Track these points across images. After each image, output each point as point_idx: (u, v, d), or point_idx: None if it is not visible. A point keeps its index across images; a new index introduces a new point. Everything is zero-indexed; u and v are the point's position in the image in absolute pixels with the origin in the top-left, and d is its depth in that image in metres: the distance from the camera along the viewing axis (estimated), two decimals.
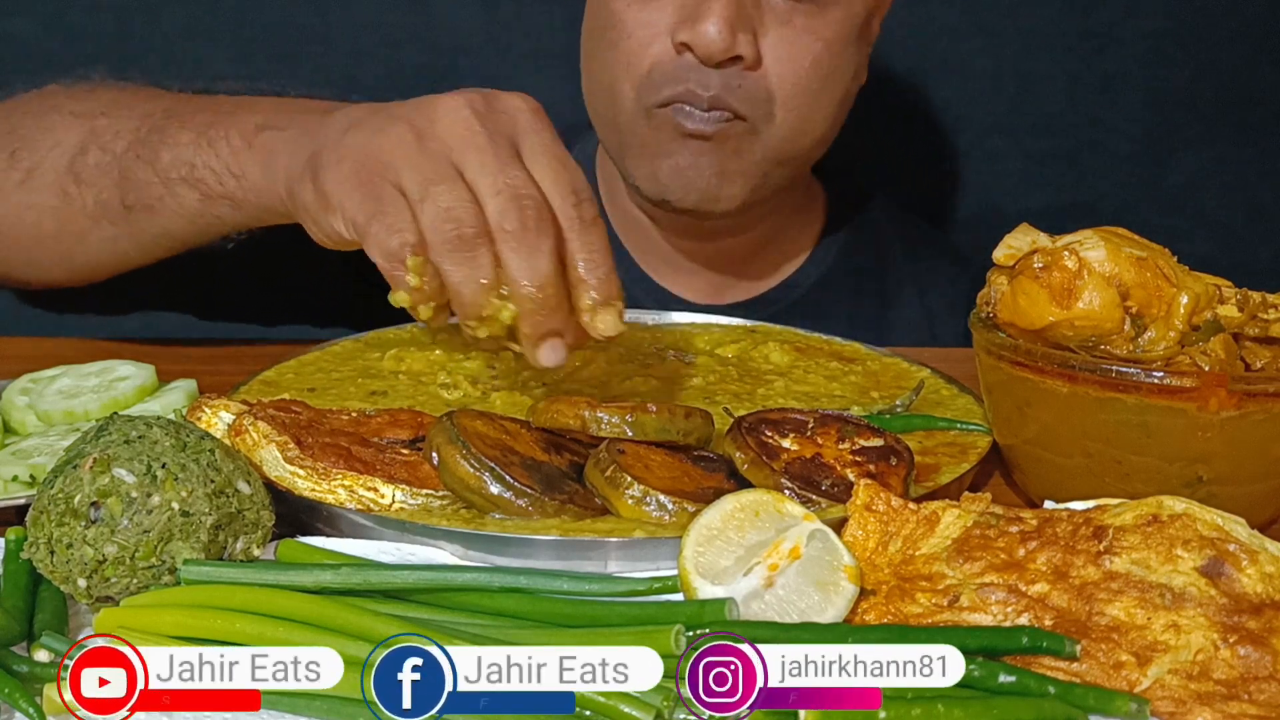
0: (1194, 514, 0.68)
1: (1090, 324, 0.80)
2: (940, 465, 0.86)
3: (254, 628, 0.62)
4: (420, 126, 0.80)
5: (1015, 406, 0.85)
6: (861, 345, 1.15)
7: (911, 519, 0.72)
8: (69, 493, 0.66)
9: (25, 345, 1.15)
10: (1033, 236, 0.84)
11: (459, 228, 0.76)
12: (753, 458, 0.79)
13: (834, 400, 0.99)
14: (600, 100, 1.23)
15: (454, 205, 0.76)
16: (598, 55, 1.21)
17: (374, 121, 0.83)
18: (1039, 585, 0.66)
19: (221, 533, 0.68)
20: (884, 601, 0.67)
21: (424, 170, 0.78)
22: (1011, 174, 1.78)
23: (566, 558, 0.72)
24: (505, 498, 0.75)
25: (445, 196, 0.77)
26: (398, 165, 0.79)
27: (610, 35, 1.17)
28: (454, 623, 0.64)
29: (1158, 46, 1.75)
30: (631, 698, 0.57)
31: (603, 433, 0.80)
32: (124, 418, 0.71)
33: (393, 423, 0.85)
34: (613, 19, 1.17)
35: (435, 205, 0.77)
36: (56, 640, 0.62)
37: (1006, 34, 1.73)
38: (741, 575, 0.65)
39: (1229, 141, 1.80)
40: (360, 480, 0.77)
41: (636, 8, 1.16)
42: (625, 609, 0.64)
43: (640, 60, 1.16)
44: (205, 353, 1.16)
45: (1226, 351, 0.80)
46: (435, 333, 0.88)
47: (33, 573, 0.68)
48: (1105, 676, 0.61)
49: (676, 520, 0.75)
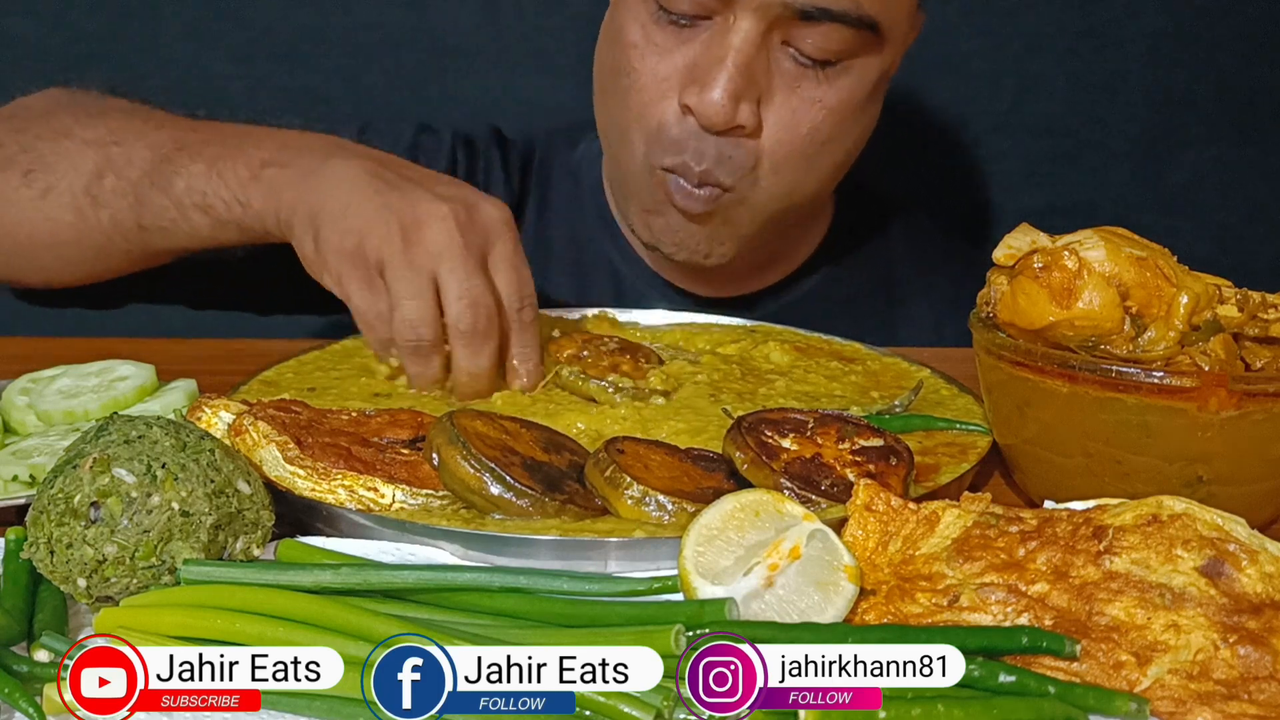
0: (1194, 514, 0.67)
1: (1090, 324, 0.80)
2: (940, 465, 0.86)
3: (254, 628, 0.62)
4: (409, 230, 0.95)
5: (1015, 406, 0.85)
6: (861, 345, 1.15)
7: (911, 519, 0.72)
8: (69, 493, 0.66)
9: (25, 345, 1.15)
10: (1033, 236, 0.84)
11: (419, 340, 0.96)
12: (752, 458, 0.79)
13: (834, 400, 0.99)
14: (613, 138, 1.25)
15: (418, 321, 0.95)
16: (611, 94, 1.22)
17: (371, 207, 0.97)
18: (1039, 585, 0.66)
19: (221, 533, 0.68)
20: (884, 601, 0.67)
21: (404, 280, 0.94)
22: (1011, 174, 1.79)
23: (566, 558, 0.72)
24: (506, 498, 0.75)
25: (414, 311, 0.95)
26: (386, 264, 0.95)
27: (623, 82, 1.18)
28: (454, 623, 0.64)
29: (1158, 46, 1.75)
30: (631, 698, 0.57)
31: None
32: (124, 418, 0.71)
33: (393, 423, 0.85)
34: (626, 65, 1.18)
35: (404, 315, 0.95)
36: (56, 640, 0.62)
37: (1006, 34, 1.73)
38: (741, 575, 0.65)
39: (1229, 141, 1.80)
40: (360, 480, 0.77)
41: (652, 59, 1.16)
42: (625, 609, 0.64)
43: (650, 116, 1.17)
44: (205, 353, 1.17)
45: (1226, 351, 0.80)
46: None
47: (33, 573, 0.68)
48: (1105, 676, 0.61)
49: (676, 520, 0.75)
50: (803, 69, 1.14)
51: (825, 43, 1.12)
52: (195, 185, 1.08)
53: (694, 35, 1.14)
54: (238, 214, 1.06)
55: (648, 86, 1.17)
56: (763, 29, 1.11)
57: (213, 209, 1.08)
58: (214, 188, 1.07)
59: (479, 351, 0.96)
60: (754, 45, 1.11)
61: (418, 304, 0.94)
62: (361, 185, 0.99)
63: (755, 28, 1.10)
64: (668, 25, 1.15)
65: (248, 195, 1.05)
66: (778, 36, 1.12)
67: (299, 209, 1.01)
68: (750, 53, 1.11)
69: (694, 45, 1.14)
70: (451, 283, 0.94)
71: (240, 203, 1.06)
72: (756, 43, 1.11)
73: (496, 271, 0.97)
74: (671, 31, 1.15)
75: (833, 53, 1.13)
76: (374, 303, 0.96)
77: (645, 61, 1.16)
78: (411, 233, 0.95)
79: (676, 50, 1.15)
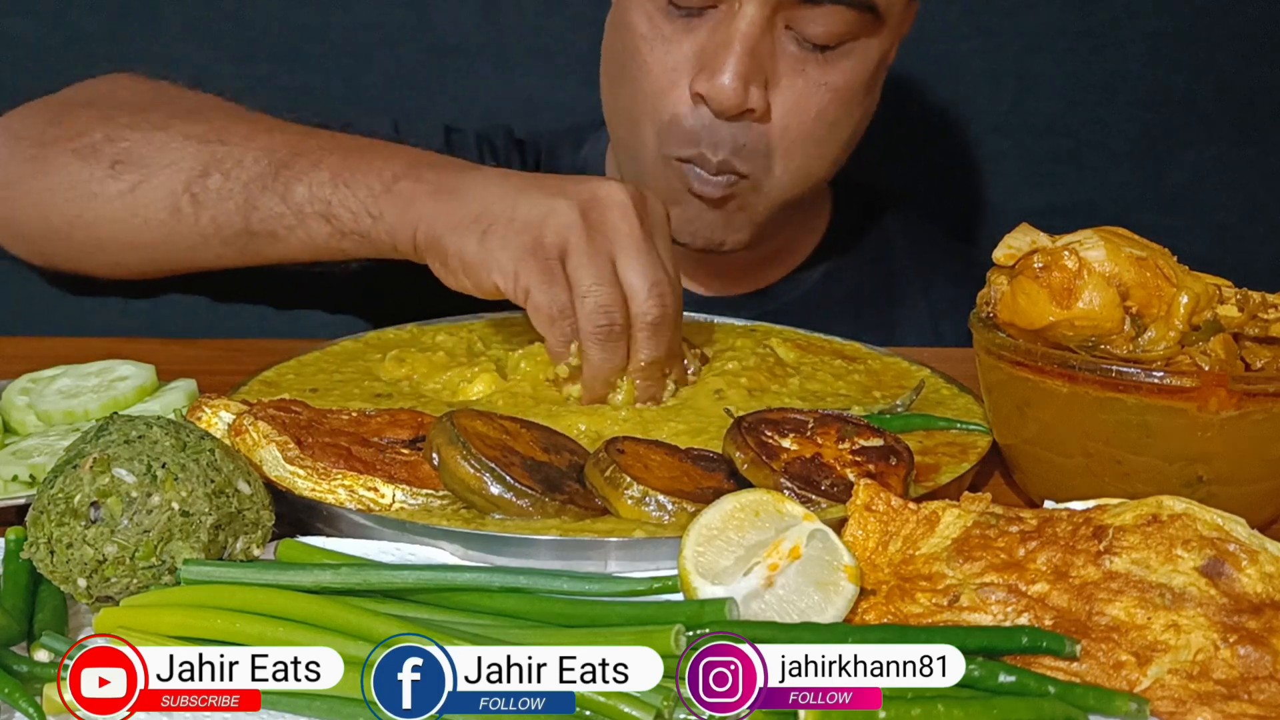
0: (1194, 514, 0.67)
1: (1090, 324, 0.80)
2: (940, 465, 0.86)
3: (254, 628, 0.62)
4: (590, 215, 0.93)
5: (1015, 406, 0.85)
6: (861, 345, 1.15)
7: (911, 519, 0.72)
8: (69, 493, 0.66)
9: (25, 345, 1.15)
10: (1033, 236, 0.84)
11: (612, 324, 0.92)
12: (752, 457, 0.79)
13: (839, 399, 0.99)
14: (623, 128, 1.26)
15: (611, 305, 0.92)
16: (620, 85, 1.23)
17: (543, 197, 0.95)
18: (1039, 585, 0.66)
19: (221, 532, 0.68)
20: (884, 601, 0.67)
21: (590, 269, 0.92)
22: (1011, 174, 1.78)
23: (566, 558, 0.72)
24: (506, 498, 0.75)
25: (606, 296, 0.92)
26: (569, 251, 0.92)
27: (631, 70, 1.19)
28: (454, 623, 0.64)
29: (1158, 46, 1.75)
30: (631, 698, 0.57)
31: None
32: (124, 418, 0.71)
33: (393, 423, 0.85)
34: (634, 54, 1.19)
35: (595, 302, 0.92)
36: (56, 640, 0.62)
37: (1006, 34, 1.73)
38: (741, 575, 0.65)
39: (1229, 141, 1.79)
40: (360, 480, 0.77)
41: (660, 49, 1.17)
42: (625, 609, 0.64)
43: (661, 108, 1.18)
44: (205, 353, 1.16)
45: (1226, 351, 0.80)
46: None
47: (33, 573, 0.68)
48: (1105, 676, 0.61)
49: (676, 520, 0.75)
50: (807, 53, 1.16)
51: (828, 25, 1.14)
52: (319, 194, 1.06)
53: (700, 24, 1.15)
54: (366, 225, 1.04)
55: (658, 77, 1.18)
56: (767, 13, 1.13)
57: (337, 218, 1.05)
58: (341, 197, 1.05)
59: (661, 342, 0.94)
60: (759, 29, 1.13)
61: (610, 290, 0.92)
62: (520, 186, 0.97)
63: (760, 12, 1.12)
64: (674, 15, 1.16)
65: (380, 208, 1.03)
66: (781, 21, 1.14)
67: (449, 218, 0.97)
68: (756, 36, 1.13)
69: (700, 33, 1.16)
70: (637, 278, 0.92)
71: (371, 215, 1.03)
72: (762, 26, 1.13)
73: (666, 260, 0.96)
74: (678, 21, 1.16)
75: (835, 36, 1.15)
76: (555, 296, 0.92)
77: (654, 52, 1.17)
78: (593, 216, 0.93)
79: (684, 39, 1.16)
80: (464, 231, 0.96)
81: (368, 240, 1.05)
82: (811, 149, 1.20)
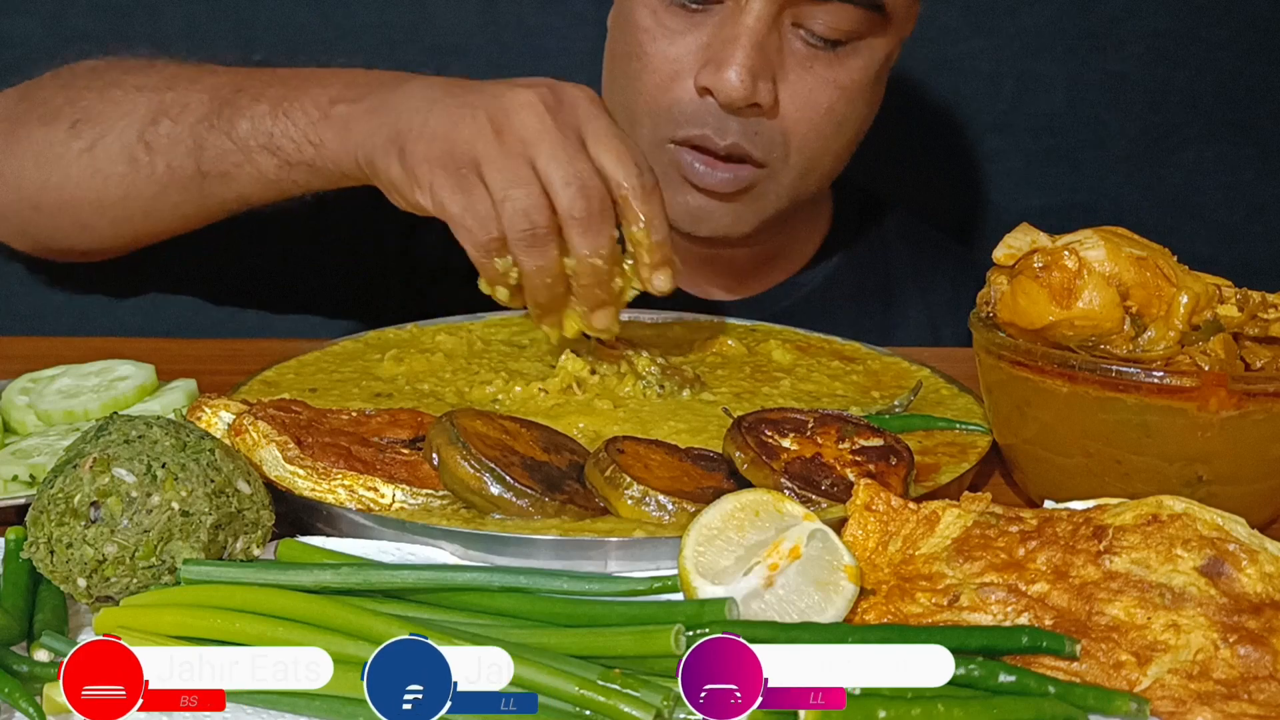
0: (1194, 514, 0.68)
1: (1090, 324, 0.80)
2: (940, 465, 0.86)
3: (254, 628, 0.62)
4: (498, 120, 0.90)
5: (1015, 406, 0.85)
6: (861, 345, 1.15)
7: (911, 519, 0.72)
8: (69, 492, 0.66)
9: (25, 345, 1.15)
10: (1033, 236, 0.84)
11: (534, 227, 0.88)
12: (753, 457, 0.79)
13: (836, 400, 0.99)
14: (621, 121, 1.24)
15: (530, 208, 0.88)
16: (620, 80, 1.22)
17: (453, 106, 0.92)
18: (1039, 585, 0.66)
19: (221, 532, 0.68)
20: (884, 601, 0.67)
21: (505, 171, 0.88)
22: (1011, 174, 1.78)
23: (566, 558, 0.72)
24: (506, 498, 0.75)
25: (523, 199, 0.88)
26: (480, 159, 0.89)
27: (634, 65, 1.19)
28: (454, 623, 0.64)
29: (1158, 46, 1.75)
30: (632, 698, 0.57)
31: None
32: (124, 418, 0.71)
33: (393, 423, 0.85)
34: (638, 49, 1.18)
35: (514, 205, 0.88)
36: (56, 640, 0.62)
37: (1006, 34, 1.73)
38: (741, 575, 0.65)
39: (1229, 141, 1.79)
40: (360, 480, 0.77)
41: (663, 42, 1.17)
42: (625, 609, 0.64)
43: (662, 98, 1.17)
44: (205, 353, 1.16)
45: (1226, 351, 0.80)
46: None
47: (33, 573, 0.68)
48: (1105, 676, 0.61)
49: (676, 520, 0.75)
50: (814, 50, 1.16)
51: (835, 22, 1.14)
52: (260, 126, 1.04)
53: (705, 19, 1.15)
54: (309, 154, 1.02)
55: (659, 69, 1.17)
56: (774, 9, 1.12)
57: (281, 150, 1.04)
58: (282, 128, 1.03)
59: (599, 234, 0.90)
60: (767, 25, 1.12)
61: (526, 191, 0.88)
62: (438, 96, 0.94)
63: (767, 8, 1.12)
64: (679, 9, 1.16)
65: (319, 135, 1.01)
66: (789, 18, 1.14)
67: (376, 137, 0.96)
68: (764, 32, 1.12)
69: (705, 28, 1.15)
70: (554, 169, 0.88)
71: (312, 143, 1.02)
72: (769, 22, 1.13)
73: (598, 150, 0.91)
74: (683, 16, 1.16)
75: (842, 33, 1.15)
76: (471, 204, 0.89)
77: (656, 45, 1.17)
78: (500, 122, 0.90)
79: (688, 33, 1.16)
80: (387, 151, 0.94)
81: (315, 169, 1.04)
82: (820, 144, 1.20)
